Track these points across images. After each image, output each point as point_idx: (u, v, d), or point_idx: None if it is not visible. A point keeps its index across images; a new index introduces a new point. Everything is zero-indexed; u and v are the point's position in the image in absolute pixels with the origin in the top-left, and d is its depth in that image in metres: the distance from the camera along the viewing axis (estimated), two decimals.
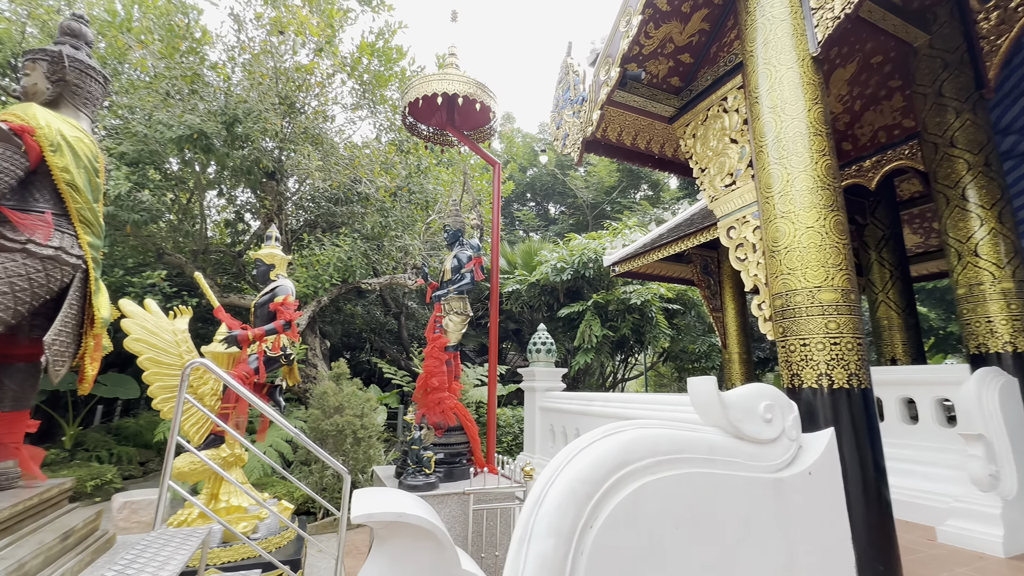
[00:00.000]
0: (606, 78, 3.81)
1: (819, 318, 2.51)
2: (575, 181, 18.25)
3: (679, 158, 4.89)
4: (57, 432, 8.55)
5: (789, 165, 2.71)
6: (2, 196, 2.02)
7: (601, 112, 3.98)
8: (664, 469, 2.17)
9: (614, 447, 2.09)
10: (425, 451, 4.11)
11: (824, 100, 2.79)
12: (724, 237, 3.53)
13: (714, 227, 6.17)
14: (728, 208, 3.46)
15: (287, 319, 4.31)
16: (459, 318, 4.98)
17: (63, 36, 2.42)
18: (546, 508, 1.95)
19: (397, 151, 9.04)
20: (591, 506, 1.97)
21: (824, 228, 2.57)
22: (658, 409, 4.05)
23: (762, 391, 2.37)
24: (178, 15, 7.15)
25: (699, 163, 3.84)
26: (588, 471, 2.02)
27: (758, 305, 3.05)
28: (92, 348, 2.40)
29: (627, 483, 2.09)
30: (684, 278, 8.96)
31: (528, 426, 6.10)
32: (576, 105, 4.45)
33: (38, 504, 2.13)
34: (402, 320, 12.47)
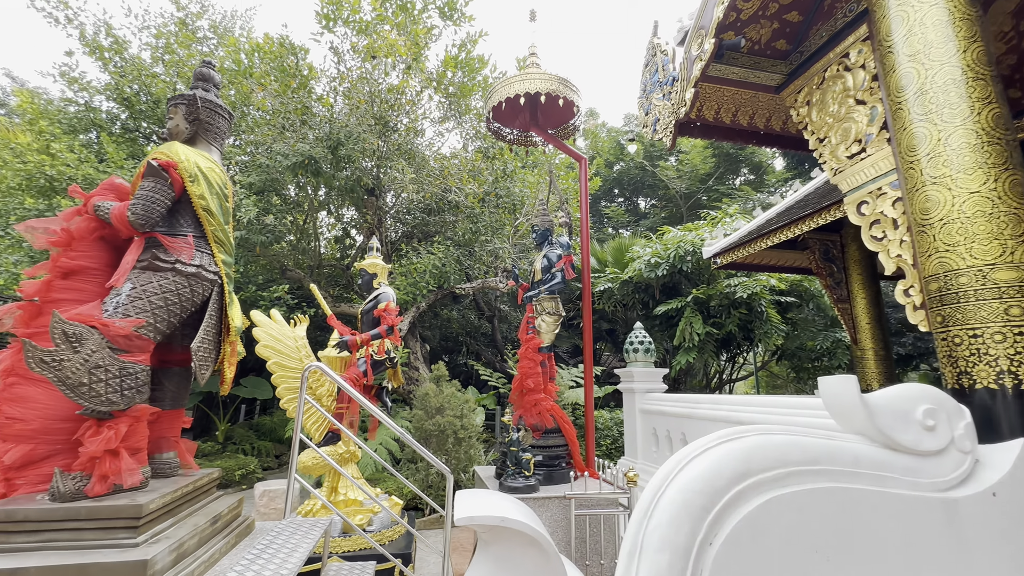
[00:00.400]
0: (699, 52, 3.50)
1: (995, 302, 2.04)
2: (666, 172, 17.33)
3: (789, 131, 4.36)
4: (212, 428, 9.97)
5: (940, 120, 2.25)
6: (155, 224, 2.35)
7: (695, 90, 3.67)
8: (796, 482, 1.89)
9: (733, 455, 1.87)
10: (524, 453, 4.09)
11: (985, 37, 2.28)
12: (854, 214, 3.05)
13: (837, 205, 5.43)
14: (857, 180, 2.99)
15: (389, 324, 4.56)
16: (552, 318, 4.91)
17: (196, 81, 2.77)
18: (658, 519, 1.79)
19: (483, 158, 9.25)
20: (709, 520, 1.77)
21: (996, 192, 2.09)
22: (777, 413, 3.62)
23: (921, 392, 1.97)
24: (289, 56, 8.01)
25: (816, 133, 3.38)
26: (703, 481, 1.82)
27: (904, 291, 2.58)
28: (229, 354, 2.71)
29: (750, 496, 1.85)
30: (799, 267, 8.02)
31: (628, 430, 5.83)
32: (666, 87, 4.17)
33: (192, 491, 2.43)
34: (495, 323, 12.74)
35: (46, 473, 2.14)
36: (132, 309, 2.21)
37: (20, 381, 2.15)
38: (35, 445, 2.13)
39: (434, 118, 9.02)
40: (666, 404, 5.07)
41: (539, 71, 5.14)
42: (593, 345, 15.68)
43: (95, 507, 1.93)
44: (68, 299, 2.30)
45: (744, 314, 10.19)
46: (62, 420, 2.17)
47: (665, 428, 5.03)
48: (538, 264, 5.06)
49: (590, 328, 5.20)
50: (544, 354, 4.79)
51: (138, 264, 2.32)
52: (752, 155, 18.13)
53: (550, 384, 4.84)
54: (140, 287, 2.26)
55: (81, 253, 2.39)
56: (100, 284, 2.39)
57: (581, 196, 5.49)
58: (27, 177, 6.87)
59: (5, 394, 2.13)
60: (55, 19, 8.19)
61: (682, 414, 4.73)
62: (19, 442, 2.11)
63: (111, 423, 2.11)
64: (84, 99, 8.73)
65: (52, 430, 2.17)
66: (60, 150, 6.82)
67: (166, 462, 2.49)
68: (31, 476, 2.13)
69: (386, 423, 3.16)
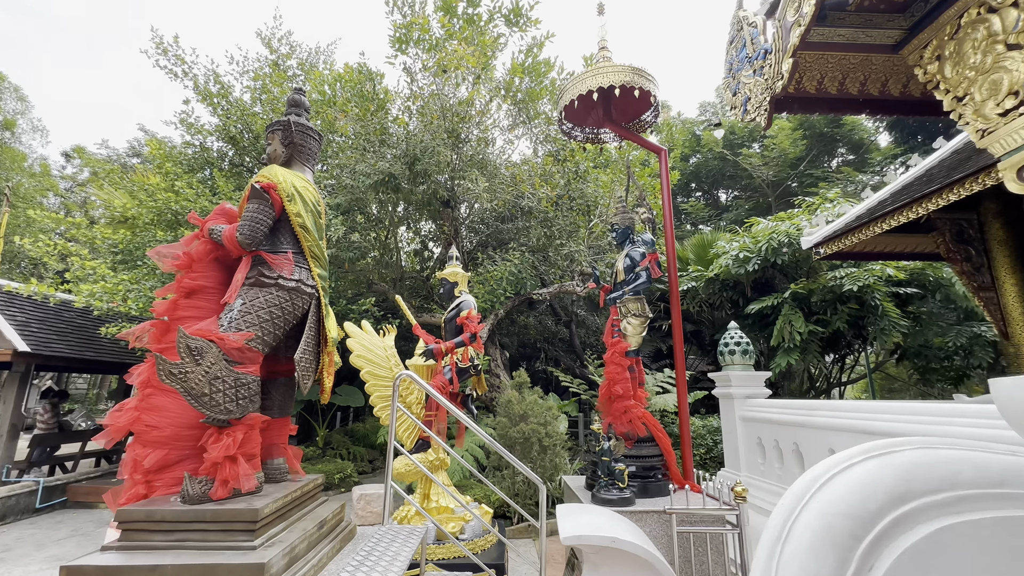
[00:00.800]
0: (797, 17, 3.13)
1: None
2: (750, 159, 16.12)
3: (911, 94, 3.79)
4: (312, 434, 10.73)
5: None
6: (260, 242, 2.50)
7: (794, 60, 3.29)
8: (973, 508, 1.56)
9: (888, 473, 1.58)
10: (616, 463, 3.87)
11: None
12: (1013, 182, 2.53)
13: (974, 177, 4.63)
14: (1016, 140, 2.48)
15: (472, 331, 4.57)
16: (637, 320, 4.65)
17: (289, 108, 2.94)
18: (795, 547, 1.55)
19: (554, 161, 9.15)
20: (861, 551, 1.50)
21: None
22: (920, 422, 3.09)
23: None
24: (367, 83, 8.50)
25: (952, 91, 2.87)
26: (851, 503, 1.55)
27: None
28: (328, 364, 2.82)
29: (912, 524, 1.55)
30: (923, 252, 6.97)
31: (728, 439, 5.37)
32: (756, 62, 3.80)
33: (300, 496, 2.54)
34: (573, 328, 12.52)
35: (178, 476, 2.32)
36: (243, 323, 2.35)
37: (155, 392, 2.36)
38: (168, 450, 2.33)
39: (503, 127, 9.10)
40: (773, 411, 4.58)
41: (611, 64, 4.95)
42: None
43: (218, 510, 2.05)
44: (191, 316, 2.51)
45: (854, 309, 9.09)
46: (189, 427, 2.36)
47: (772, 437, 4.55)
48: (620, 264, 4.84)
49: (680, 329, 4.86)
50: (632, 358, 4.54)
51: (246, 281, 2.47)
52: (851, 132, 16.34)
53: (640, 390, 4.57)
54: (249, 302, 2.41)
55: (200, 274, 2.61)
56: (216, 301, 2.59)
57: (662, 189, 5.19)
58: (158, 213, 7.87)
59: (143, 404, 2.35)
60: (175, 74, 9.37)
61: (794, 422, 4.25)
62: (156, 447, 2.31)
63: (229, 431, 2.25)
64: (199, 141, 9.89)
65: (182, 436, 2.36)
66: (182, 187, 7.74)
67: (276, 468, 2.62)
68: (166, 479, 2.33)
69: (476, 431, 3.13)
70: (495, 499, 6.40)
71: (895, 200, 6.07)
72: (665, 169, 5.20)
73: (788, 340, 9.03)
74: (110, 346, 9.28)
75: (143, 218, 7.99)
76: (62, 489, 7.65)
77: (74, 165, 22.77)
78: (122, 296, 7.08)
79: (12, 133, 18.13)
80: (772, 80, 3.58)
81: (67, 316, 9.05)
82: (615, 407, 4.35)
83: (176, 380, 2.09)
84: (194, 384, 2.12)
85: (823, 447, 3.88)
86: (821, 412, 3.96)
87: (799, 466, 4.17)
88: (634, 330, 4.63)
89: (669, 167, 8.68)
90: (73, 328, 8.94)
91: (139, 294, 7.13)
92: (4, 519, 6.66)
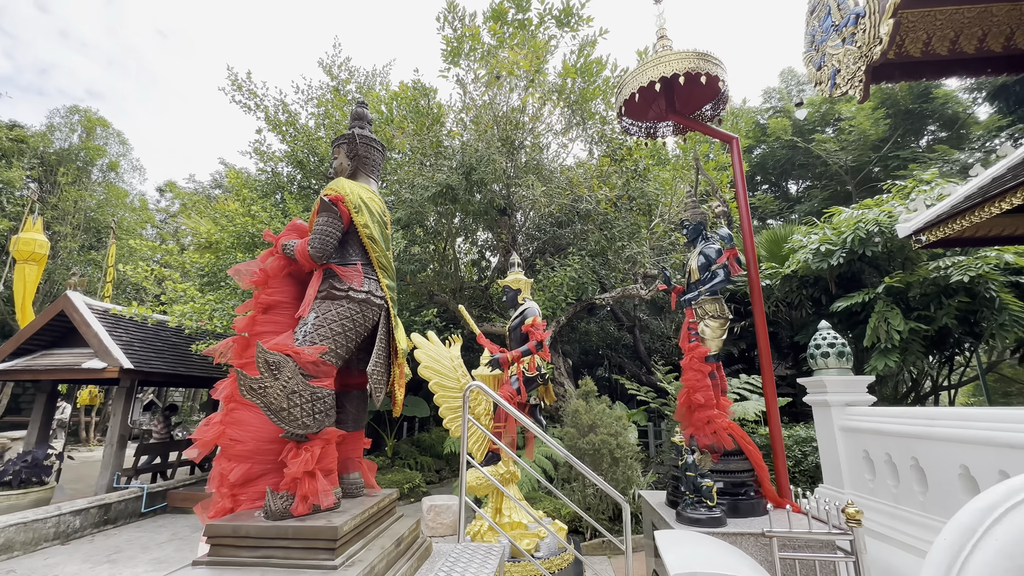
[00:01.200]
0: None
1: None
2: (824, 145, 14.89)
3: None
4: (381, 444, 10.99)
5: None
6: (330, 255, 2.50)
7: (895, 20, 2.90)
8: None
9: None
10: (703, 479, 3.55)
11: None
12: None
13: None
14: None
15: (538, 339, 4.41)
16: (716, 322, 4.30)
17: (353, 121, 2.96)
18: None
19: (611, 162, 8.88)
20: None
21: None
22: None
23: None
24: (422, 99, 8.69)
25: None
26: None
27: None
28: (399, 375, 2.77)
29: None
30: None
31: (825, 451, 4.83)
32: (846, 29, 3.40)
33: (377, 512, 2.48)
34: (637, 333, 12.04)
35: (261, 490, 2.34)
36: (316, 337, 2.34)
37: (238, 406, 2.40)
38: (251, 464, 2.35)
39: (557, 130, 8.97)
40: (882, 421, 4.04)
41: (673, 52, 4.67)
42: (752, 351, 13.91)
43: (299, 527, 2.02)
44: (268, 331, 2.54)
45: (965, 303, 8.02)
46: (270, 441, 2.38)
47: (884, 451, 4.01)
48: (694, 263, 4.51)
49: (764, 329, 4.44)
50: (712, 364, 4.20)
51: (318, 294, 2.48)
52: (943, 106, 14.67)
53: (723, 398, 4.21)
54: (321, 316, 2.41)
55: (275, 289, 2.65)
56: (292, 316, 2.62)
57: (736, 180, 4.81)
58: (237, 236, 8.43)
59: (227, 418, 2.39)
60: (248, 107, 10.09)
61: (910, 433, 3.71)
62: (240, 461, 2.34)
63: (307, 446, 2.23)
64: (271, 167, 10.56)
65: (263, 451, 2.38)
66: (257, 211, 8.25)
67: (352, 482, 2.59)
68: (250, 492, 2.35)
69: (551, 445, 2.96)
70: (565, 512, 6.17)
71: (1015, 175, 5.27)
72: (738, 158, 4.82)
73: (885, 340, 8.12)
74: (200, 362, 10.03)
75: (225, 242, 8.59)
76: (163, 495, 8.29)
77: (167, 198, 25.29)
78: (208, 315, 7.61)
79: (116, 173, 20.42)
80: (868, 46, 3.18)
81: (163, 335, 9.89)
82: (697, 417, 4.02)
83: (256, 395, 2.09)
84: (273, 399, 2.12)
85: (951, 462, 3.34)
86: (946, 421, 3.42)
87: (920, 484, 3.63)
88: (713, 333, 4.28)
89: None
90: (169, 346, 9.75)
91: (223, 313, 7.63)
92: (116, 522, 7.30)
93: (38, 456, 7.45)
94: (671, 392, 9.10)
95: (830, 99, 15.78)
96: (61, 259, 16.32)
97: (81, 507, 6.74)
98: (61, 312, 8.37)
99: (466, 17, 8.55)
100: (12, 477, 7.11)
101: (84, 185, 18.46)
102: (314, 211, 2.59)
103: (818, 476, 7.38)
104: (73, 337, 8.50)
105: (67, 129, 18.71)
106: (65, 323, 8.47)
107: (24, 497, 6.93)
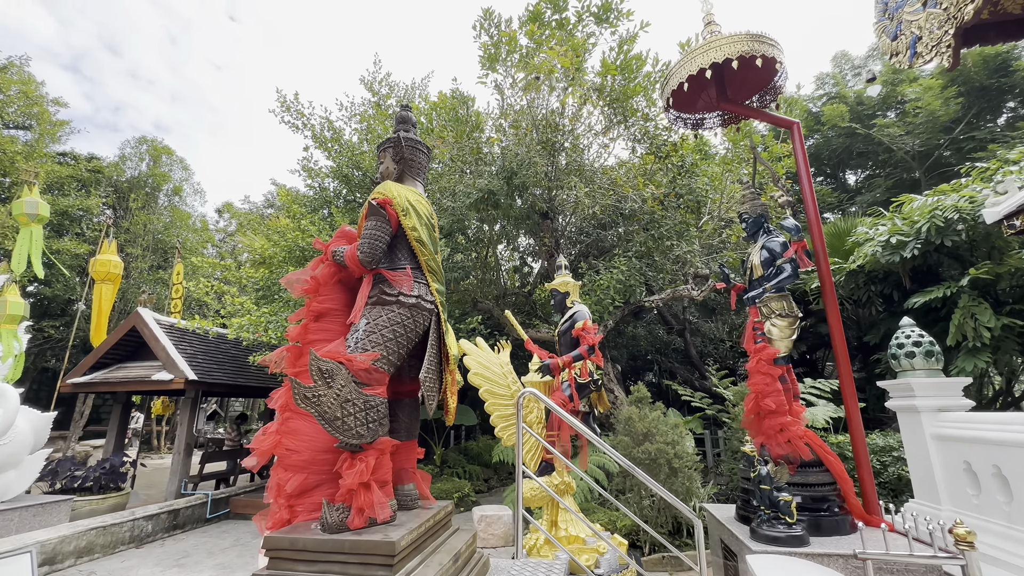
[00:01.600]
0: None
1: None
2: (887, 130, 13.86)
3: None
4: (430, 452, 11.02)
5: None
6: (379, 259, 2.45)
7: None
8: None
9: None
10: (779, 493, 3.24)
11: None
12: None
13: None
14: None
15: (590, 343, 4.23)
16: (784, 321, 3.97)
17: (397, 125, 2.93)
18: None
19: (655, 159, 8.58)
20: None
21: None
22: None
23: None
24: (460, 107, 8.74)
25: None
26: None
27: None
28: (450, 382, 2.68)
29: None
30: None
31: (916, 463, 4.35)
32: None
33: (433, 525, 2.38)
34: (687, 336, 11.53)
35: (317, 501, 2.29)
36: (368, 343, 2.28)
37: (292, 415, 2.37)
38: (307, 475, 2.31)
39: (597, 131, 8.76)
40: (990, 428, 3.57)
41: (725, 35, 4.41)
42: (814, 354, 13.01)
43: (356, 541, 1.95)
44: (320, 339, 2.51)
45: None
46: (325, 451, 2.33)
47: (991, 463, 3.54)
48: (756, 258, 4.20)
49: (840, 329, 4.06)
50: (782, 366, 3.87)
51: (368, 300, 2.42)
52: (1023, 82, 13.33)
53: (795, 404, 3.86)
54: (372, 322, 2.35)
55: (326, 297, 2.63)
56: (342, 323, 2.58)
57: (799, 168, 4.46)
58: (288, 251, 8.74)
59: (283, 427, 2.37)
60: (296, 126, 10.51)
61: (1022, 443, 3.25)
62: (296, 472, 2.31)
63: (361, 456, 2.16)
64: (318, 183, 10.93)
65: (318, 460, 2.34)
66: (306, 224, 8.53)
67: (407, 494, 2.50)
68: (306, 503, 2.31)
69: (613, 456, 2.77)
70: (621, 525, 5.89)
71: None
72: (800, 144, 4.48)
73: (973, 338, 7.34)
74: (257, 373, 10.45)
75: (277, 257, 8.92)
76: (226, 501, 8.62)
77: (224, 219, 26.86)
78: (264, 327, 7.89)
79: (180, 196, 21.92)
80: (956, 7, 2.83)
81: (223, 347, 10.38)
82: (768, 424, 3.70)
83: (310, 404, 2.05)
84: (327, 408, 2.07)
85: None
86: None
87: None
88: (781, 333, 3.96)
89: (785, 154, 7.64)
90: (229, 358, 10.22)
91: (277, 325, 7.89)
92: (184, 527, 7.64)
93: (115, 463, 7.93)
94: (729, 398, 8.61)
95: (911, 68, 14.69)
96: (133, 279, 17.58)
97: (153, 512, 7.09)
98: (133, 327, 8.94)
99: (502, 23, 8.54)
100: (93, 483, 7.59)
101: (152, 209, 19.89)
102: (362, 216, 2.55)
103: (900, 489, 6.72)
104: (144, 351, 9.05)
105: (137, 158, 20.28)
106: (137, 338, 9.04)
107: (103, 502, 7.38)
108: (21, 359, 7.83)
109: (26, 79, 16.11)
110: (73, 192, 16.89)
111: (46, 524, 6.15)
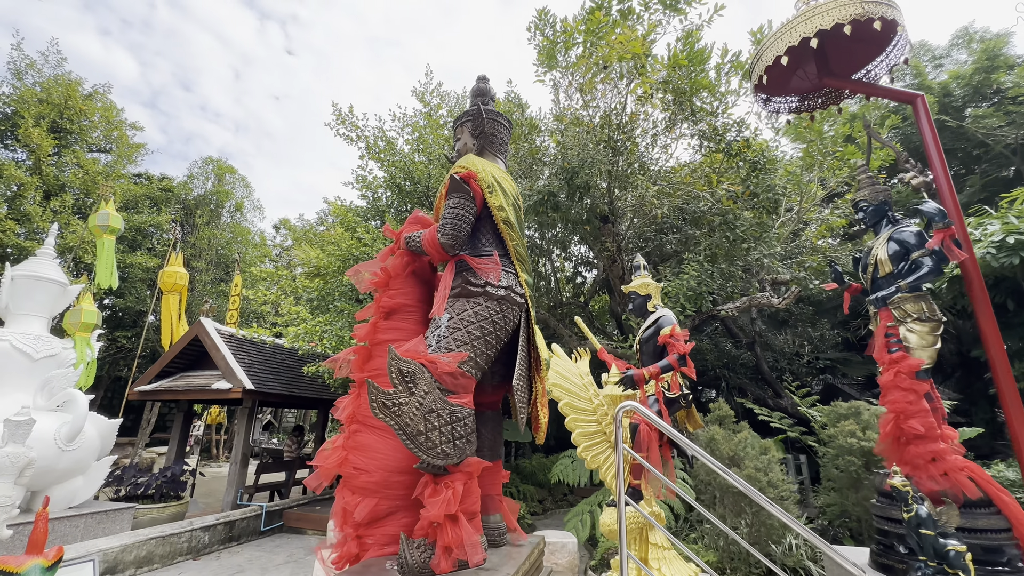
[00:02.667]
0: None
1: None
2: (985, 120, 12.48)
3: None
4: None
5: None
6: (463, 242, 2.07)
7: None
8: None
9: None
10: (947, 540, 2.57)
11: None
12: None
13: None
14: None
15: (679, 351, 3.69)
16: (925, 326, 3.29)
17: (475, 97, 2.58)
18: None
19: (724, 157, 7.93)
20: None
21: None
22: None
23: None
24: (516, 109, 8.47)
25: None
26: None
27: None
28: (541, 392, 2.25)
29: None
30: None
31: None
32: None
33: (529, 569, 1.94)
34: (757, 351, 10.58)
35: (391, 533, 1.89)
36: (452, 342, 1.90)
37: (361, 428, 2.01)
38: (378, 500, 1.93)
39: (661, 129, 8.23)
40: None
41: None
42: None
43: None
44: (391, 339, 2.16)
45: None
46: (400, 472, 1.94)
47: None
48: (881, 252, 3.55)
49: (997, 333, 3.33)
50: (926, 380, 3.18)
51: (452, 290, 2.05)
52: None
53: (945, 426, 3.16)
54: (456, 316, 1.96)
55: (397, 291, 2.28)
56: (417, 321, 2.22)
57: (927, 146, 3.78)
58: (343, 260, 8.68)
59: (349, 442, 2.01)
60: (350, 139, 10.61)
61: None
62: (365, 495, 1.93)
63: (447, 480, 1.75)
64: (371, 194, 10.95)
65: (391, 483, 1.95)
66: (361, 233, 8.44)
67: (494, 527, 2.08)
68: (378, 535, 1.92)
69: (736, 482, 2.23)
70: (707, 561, 5.19)
71: None
72: (928, 120, 3.80)
73: None
74: (310, 384, 10.42)
75: (332, 267, 8.89)
76: (279, 514, 8.50)
77: (281, 235, 27.99)
78: (319, 336, 7.78)
79: (241, 212, 22.99)
80: None
81: (279, 358, 10.44)
82: (913, 452, 3.03)
83: (390, 414, 1.66)
84: (409, 419, 1.68)
85: None
86: None
87: None
88: (921, 340, 3.28)
89: (880, 142, 6.76)
90: (283, 368, 10.26)
91: (331, 334, 7.77)
92: (239, 539, 7.53)
93: (176, 472, 7.99)
94: (815, 419, 7.69)
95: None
96: (197, 291, 18.40)
97: (210, 523, 7.01)
98: (196, 337, 9.11)
99: (557, 23, 8.24)
100: (155, 491, 7.65)
101: (216, 225, 20.93)
102: (441, 194, 2.20)
103: None
104: (205, 360, 9.19)
105: (203, 177, 21.49)
106: (199, 347, 9.20)
107: (164, 511, 7.39)
108: (93, 366, 8.09)
109: (108, 105, 17.43)
110: (146, 209, 17.98)
111: (109, 531, 6.16)
